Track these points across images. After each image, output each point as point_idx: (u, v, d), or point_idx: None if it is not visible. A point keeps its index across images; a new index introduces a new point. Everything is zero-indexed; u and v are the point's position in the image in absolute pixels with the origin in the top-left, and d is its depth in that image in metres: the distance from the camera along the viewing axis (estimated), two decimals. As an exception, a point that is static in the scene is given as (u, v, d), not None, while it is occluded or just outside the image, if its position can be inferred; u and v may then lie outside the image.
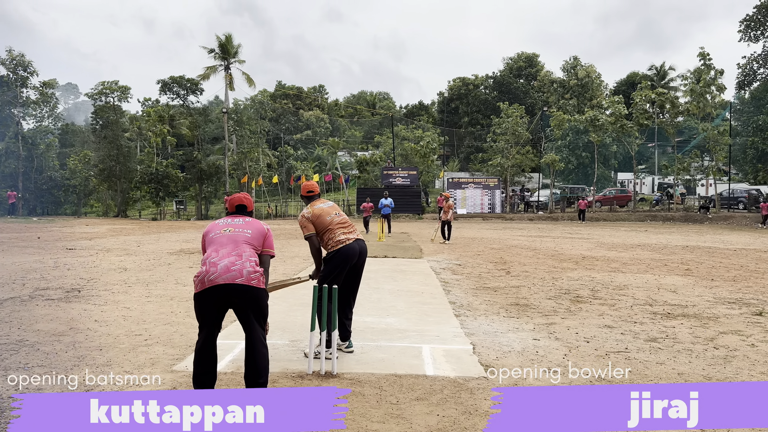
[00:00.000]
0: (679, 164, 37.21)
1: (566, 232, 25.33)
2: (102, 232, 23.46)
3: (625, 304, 8.26)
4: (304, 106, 73.08)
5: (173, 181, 42.71)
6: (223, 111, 46.71)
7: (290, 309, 7.68)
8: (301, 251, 15.70)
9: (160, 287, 9.46)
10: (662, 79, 61.58)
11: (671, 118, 39.02)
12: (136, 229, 26.19)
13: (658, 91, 39.15)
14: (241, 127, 46.80)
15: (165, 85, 53.51)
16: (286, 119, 69.70)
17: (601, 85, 60.24)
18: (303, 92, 76.79)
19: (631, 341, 6.18)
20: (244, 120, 47.45)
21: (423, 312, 7.59)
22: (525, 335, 6.40)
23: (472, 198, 40.76)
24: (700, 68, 35.94)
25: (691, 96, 36.50)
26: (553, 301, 8.47)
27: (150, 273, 11.15)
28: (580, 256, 14.84)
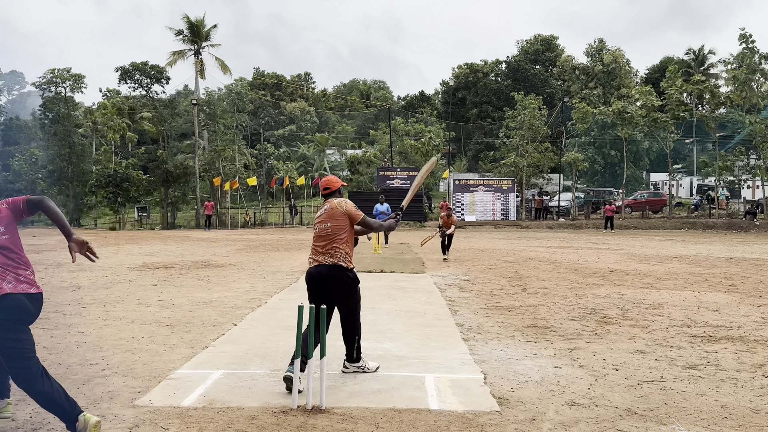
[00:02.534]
0: (721, 163, 37.37)
1: (591, 243, 25.39)
2: (52, 244, 23.40)
3: (659, 326, 8.28)
4: (285, 97, 73.24)
5: (134, 185, 42.64)
6: (192, 102, 46.74)
7: (271, 333, 7.67)
8: (283, 266, 15.70)
9: (119, 308, 9.43)
10: (701, 64, 62.00)
11: (711, 109, 39.21)
12: (92, 241, 26.13)
13: (695, 78, 39.39)
14: (214, 122, 46.82)
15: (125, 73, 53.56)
16: (265, 112, 69.82)
17: (630, 72, 60.62)
18: (285, 81, 76.95)
19: (666, 369, 6.19)
20: (218, 113, 47.48)
21: (426, 336, 7.59)
22: (544, 362, 6.40)
23: (483, 203, 40.86)
24: (744, 52, 36.18)
25: (734, 84, 36.73)
26: (576, 323, 8.48)
27: (107, 291, 11.12)
28: (608, 270, 14.87)
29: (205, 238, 28.59)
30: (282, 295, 10.80)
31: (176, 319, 8.61)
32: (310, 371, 4.93)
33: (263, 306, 9.67)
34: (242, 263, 16.37)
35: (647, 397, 5.29)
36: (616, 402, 5.15)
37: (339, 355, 6.54)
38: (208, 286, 11.96)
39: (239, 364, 6.24)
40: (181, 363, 6.27)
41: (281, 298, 10.39)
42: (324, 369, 4.99)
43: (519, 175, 43.21)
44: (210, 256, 18.47)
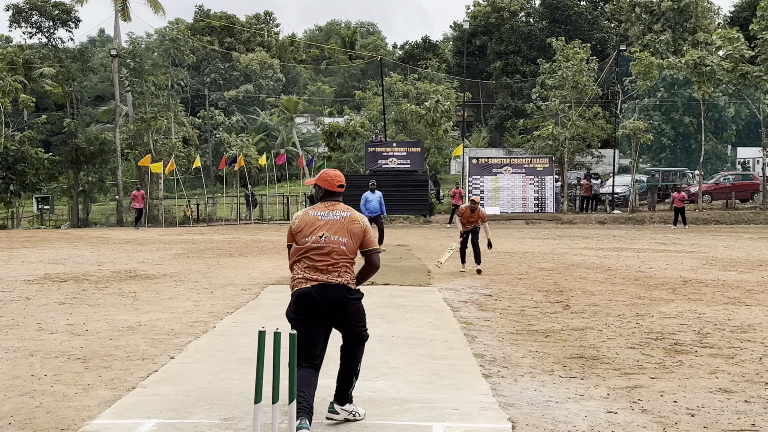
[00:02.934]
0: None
1: (657, 243, 25.49)
2: None
3: (750, 356, 8.32)
4: (239, 46, 73.07)
5: (33, 167, 42.44)
6: (111, 53, 46.54)
7: (221, 368, 7.67)
8: (237, 277, 15.69)
9: (12, 336, 9.40)
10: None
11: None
12: (-26, 244, 26.02)
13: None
14: (141, 80, 46.66)
15: (18, 13, 53.16)
16: (212, 66, 69.69)
17: (709, 11, 60.68)
18: (238, 24, 76.75)
19: (760, 414, 6.22)
20: (147, 68, 47.31)
21: (433, 371, 7.61)
22: (594, 405, 6.43)
23: (510, 189, 40.94)
24: None
25: None
26: (637, 352, 8.52)
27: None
28: (680, 281, 14.93)
29: (132, 239, 28.56)
30: (236, 316, 10.80)
31: (91, 350, 8.59)
32: (276, 420, 4.93)
33: (210, 332, 9.66)
34: (181, 274, 16.35)
35: (734, 451, 5.32)
36: (693, 459, 5.18)
37: (315, 397, 6.55)
38: (135, 305, 11.94)
39: (178, 410, 6.23)
40: (99, 410, 6.25)
41: (235, 321, 10.39)
42: (294, 416, 4.99)
43: (559, 152, 43.29)
44: (137, 264, 18.45)
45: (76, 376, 7.42)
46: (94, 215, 48.57)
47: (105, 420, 6.00)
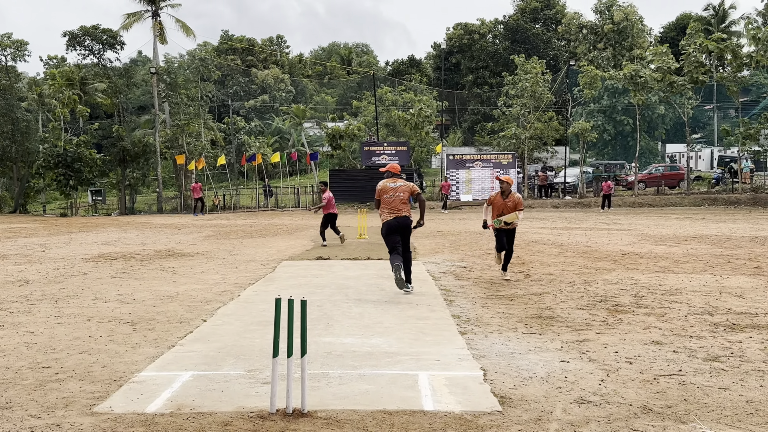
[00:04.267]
0: (744, 131, 37.60)
1: (601, 222, 25.55)
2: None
3: (677, 314, 8.37)
4: (257, 64, 72.71)
5: (87, 165, 42.30)
6: (151, 71, 46.28)
7: (245, 329, 7.68)
8: (258, 254, 15.67)
9: (73, 304, 9.39)
10: (722, 21, 62.14)
11: (733, 71, 39.35)
12: (40, 229, 25.94)
13: (716, 36, 39.46)
14: (176, 92, 46.45)
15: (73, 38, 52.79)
16: (234, 81, 69.31)
17: (643, 31, 60.59)
18: (256, 45, 76.33)
19: (686, 361, 6.26)
20: (180, 82, 47.08)
21: (418, 329, 7.63)
22: (550, 356, 6.45)
23: (480, 180, 40.94)
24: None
25: (758, 44, 36.84)
26: (585, 312, 8.55)
27: (60, 286, 11.06)
28: (620, 253, 14.98)
29: (170, 224, 28.46)
30: (257, 287, 10.80)
31: (138, 315, 8.59)
32: (290, 371, 4.94)
33: (236, 300, 9.66)
34: (211, 252, 16.33)
35: (665, 392, 5.36)
36: (631, 399, 5.21)
37: (321, 352, 6.56)
38: (174, 278, 11.93)
39: (210, 364, 6.24)
40: (145, 364, 6.26)
41: (256, 291, 10.39)
42: (305, 368, 4.99)
43: (520, 149, 43.26)
44: (175, 245, 18.41)
45: (125, 336, 7.42)
46: (139, 204, 48.46)
47: (150, 372, 6.00)
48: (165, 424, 4.69)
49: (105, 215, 42.08)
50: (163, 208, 43.35)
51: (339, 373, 5.89)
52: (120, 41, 51.60)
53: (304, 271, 12.58)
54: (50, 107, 45.96)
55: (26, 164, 44.96)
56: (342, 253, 15.44)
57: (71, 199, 44.57)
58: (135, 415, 4.87)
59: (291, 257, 14.80)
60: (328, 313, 8.53)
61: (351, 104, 63.65)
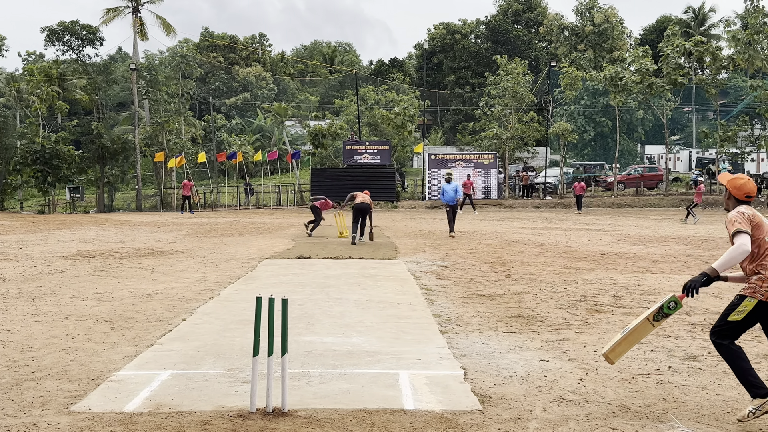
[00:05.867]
0: (722, 133, 38.03)
1: (581, 223, 25.72)
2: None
3: (656, 314, 8.44)
4: (239, 61, 72.37)
5: (66, 162, 41.84)
6: (131, 67, 45.91)
7: (225, 328, 7.64)
8: (238, 253, 15.60)
9: (50, 302, 9.30)
10: (701, 24, 62.83)
11: (712, 74, 39.79)
12: (17, 226, 25.64)
13: (696, 39, 39.87)
14: (156, 89, 46.11)
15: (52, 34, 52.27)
16: (215, 77, 68.94)
17: (623, 33, 61.07)
18: (238, 43, 75.99)
19: (664, 360, 6.32)
20: (160, 79, 46.78)
21: (399, 328, 7.64)
22: (530, 355, 6.49)
23: (461, 180, 40.97)
24: (748, 10, 36.69)
25: (737, 46, 37.27)
26: (565, 311, 8.61)
27: (37, 284, 10.95)
28: (599, 254, 15.09)
29: (150, 221, 28.26)
30: (237, 285, 10.75)
31: (116, 313, 8.52)
32: (271, 370, 4.92)
33: (216, 298, 9.62)
34: (191, 250, 16.24)
35: (643, 391, 5.41)
36: (609, 397, 5.25)
37: (302, 351, 6.56)
38: (153, 276, 11.84)
39: (189, 363, 6.21)
40: (123, 363, 6.22)
41: (236, 289, 10.35)
42: (286, 367, 4.98)
43: (501, 149, 43.42)
44: (154, 243, 18.28)
45: (103, 335, 7.37)
46: (118, 202, 48.07)
47: (128, 371, 5.97)
48: (143, 424, 4.66)
49: (83, 213, 41.69)
50: (143, 206, 43.02)
51: (319, 372, 5.89)
52: (99, 37, 51.23)
53: (285, 269, 12.55)
54: (28, 103, 45.43)
55: (3, 161, 44.40)
56: (323, 251, 15.42)
57: (49, 196, 44.07)
58: (113, 414, 4.84)
59: (272, 256, 14.76)
60: (309, 312, 8.52)
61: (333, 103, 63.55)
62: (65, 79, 50.04)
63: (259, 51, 78.11)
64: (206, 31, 79.32)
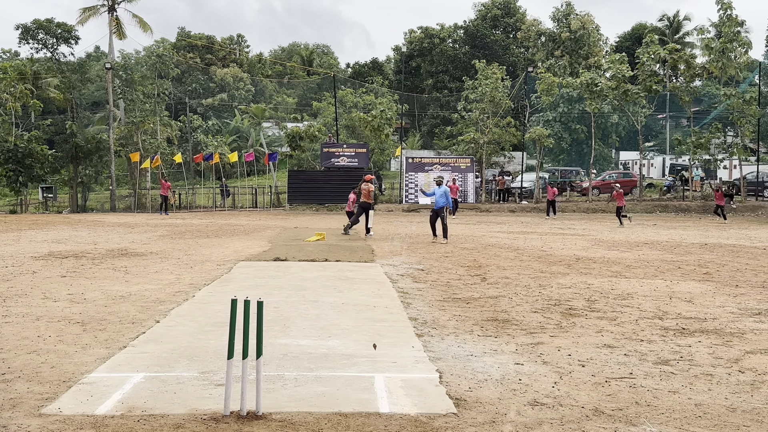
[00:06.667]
0: (695, 140, 38.53)
1: (556, 228, 25.91)
2: (-61, 230, 22.54)
3: (629, 318, 8.52)
4: (216, 62, 71.99)
5: (39, 161, 41.31)
6: (106, 66, 45.45)
7: (200, 330, 7.59)
8: (213, 254, 15.49)
9: (22, 303, 9.16)
10: (676, 32, 63.71)
11: (686, 82, 40.32)
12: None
13: (671, 47, 40.38)
14: (132, 89, 45.64)
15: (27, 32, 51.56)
16: (192, 78, 68.50)
17: (599, 40, 61.69)
18: (215, 43, 75.60)
19: (637, 364, 6.38)
20: (136, 79, 46.31)
21: (376, 331, 7.63)
22: (505, 359, 6.52)
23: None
24: (722, 18, 37.22)
25: (711, 54, 37.80)
26: (540, 315, 8.66)
27: (8, 285, 10.79)
28: (574, 258, 15.20)
29: (123, 222, 27.98)
30: (212, 287, 10.68)
31: (89, 315, 8.42)
32: (245, 372, 4.89)
33: (190, 300, 9.54)
34: (165, 252, 16.10)
35: (616, 395, 5.45)
36: (583, 401, 5.29)
37: (277, 354, 6.53)
38: (126, 277, 11.72)
39: (163, 366, 6.15)
40: (95, 365, 6.15)
41: (211, 291, 10.28)
42: (261, 370, 4.96)
43: (478, 153, 43.60)
44: (128, 244, 18.10)
45: (75, 337, 7.28)
46: (91, 202, 47.51)
47: (100, 373, 5.90)
48: (115, 426, 4.61)
49: (56, 213, 41.17)
50: (116, 207, 42.60)
51: (295, 375, 5.87)
52: (75, 36, 50.62)
53: (261, 272, 12.49)
54: (1, 101, 44.78)
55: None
56: (299, 254, 15.37)
57: (21, 196, 43.45)
58: (84, 417, 4.78)
59: (248, 258, 14.68)
60: (285, 315, 8.48)
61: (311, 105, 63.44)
62: (39, 77, 49.44)
63: (236, 52, 77.76)
64: (183, 31, 78.87)
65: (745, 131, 38.19)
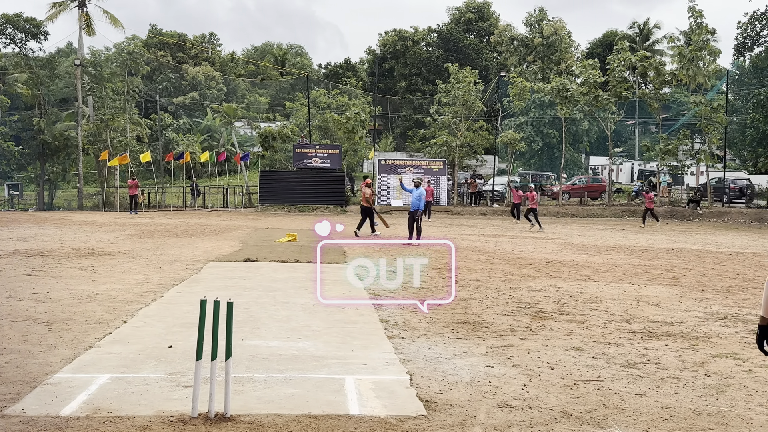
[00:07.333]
0: (663, 147, 39.10)
1: (526, 230, 26.09)
2: None
3: (597, 321, 8.61)
4: (188, 60, 71.38)
5: (5, 158, 40.70)
6: (75, 63, 44.85)
7: (168, 331, 7.50)
8: (183, 254, 15.34)
9: (-16, 303, 8.99)
10: (646, 39, 64.58)
11: (656, 88, 40.90)
12: (-49, 223, 24.77)
13: (641, 54, 40.94)
14: (101, 86, 45.07)
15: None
16: (163, 76, 67.84)
17: (571, 46, 62.33)
18: (187, 41, 74.98)
19: (604, 367, 6.44)
20: (106, 76, 45.73)
21: (346, 333, 7.61)
22: (475, 361, 6.54)
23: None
24: (692, 27, 37.81)
25: (680, 62, 38.39)
26: (510, 318, 8.70)
27: (-30, 283, 10.58)
28: (544, 261, 15.32)
29: (91, 221, 27.59)
30: (181, 287, 10.57)
31: (54, 315, 8.29)
32: (214, 374, 4.85)
33: (158, 300, 9.44)
34: (134, 251, 15.90)
35: (584, 397, 5.50)
36: (551, 403, 5.32)
37: (247, 356, 6.48)
38: (93, 277, 11.55)
39: (130, 367, 6.08)
40: (60, 366, 6.05)
41: (180, 292, 10.17)
42: (230, 371, 4.91)
43: (451, 156, 43.77)
44: (95, 243, 17.85)
45: (40, 337, 7.15)
46: (58, 200, 46.88)
47: (66, 374, 5.81)
48: (80, 428, 4.54)
49: (22, 210, 40.52)
50: (84, 205, 42.03)
51: (264, 377, 5.83)
52: (44, 31, 49.88)
53: (231, 272, 12.40)
54: (-34, 96, 44.04)
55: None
56: (271, 255, 15.29)
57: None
58: (48, 418, 4.71)
59: (218, 258, 14.56)
60: (255, 316, 8.43)
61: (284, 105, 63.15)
62: (6, 72, 48.60)
63: (208, 50, 77.20)
64: (154, 28, 78.03)
65: (713, 138, 38.84)
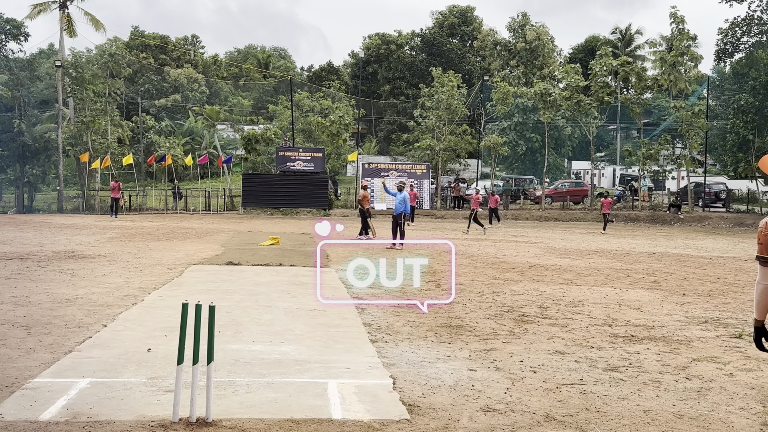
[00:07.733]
0: (645, 151, 39.42)
1: (510, 235, 26.19)
2: None
3: (579, 325, 8.65)
4: (170, 62, 71.02)
5: (-17, 160, 40.26)
6: (56, 64, 44.49)
7: (148, 335, 7.44)
8: (164, 258, 15.24)
9: (-38, 306, 8.87)
10: (628, 45, 65.16)
11: (637, 94, 41.26)
12: (-72, 226, 24.45)
13: (623, 59, 41.28)
14: (82, 88, 44.71)
15: (-28, 27, 50.17)
16: (145, 78, 67.44)
17: (554, 51, 62.71)
18: (169, 43, 74.61)
19: (587, 371, 6.47)
20: (87, 77, 45.38)
21: (329, 337, 7.59)
22: (458, 365, 6.54)
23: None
24: (674, 33, 38.17)
25: (661, 67, 38.75)
26: (493, 321, 8.72)
27: (-53, 286, 10.43)
28: (526, 265, 15.37)
29: (71, 224, 27.34)
30: (162, 291, 10.49)
31: (33, 318, 8.19)
32: (196, 378, 4.81)
33: (139, 304, 9.36)
34: (114, 254, 15.77)
35: (566, 401, 5.52)
36: (534, 407, 5.33)
37: (229, 360, 6.44)
38: (73, 280, 11.44)
39: (110, 371, 6.02)
40: (40, 370, 5.98)
41: (161, 295, 10.09)
42: (212, 375, 4.88)
43: (434, 160, 43.88)
44: (75, 246, 17.69)
45: (19, 341, 7.07)
46: (38, 203, 46.43)
47: (45, 378, 5.74)
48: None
49: (1, 213, 40.06)
50: (64, 208, 41.64)
51: (246, 381, 5.80)
52: (24, 32, 49.45)
53: (213, 276, 12.33)
54: (-56, 98, 43.55)
55: None
56: (253, 258, 15.22)
57: (-37, 196, 42.29)
58: (27, 423, 4.65)
59: (200, 262, 14.47)
60: (237, 320, 8.38)
61: (267, 108, 62.97)
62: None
63: (191, 52, 76.86)
64: (136, 30, 77.58)
65: (693, 143, 39.22)
